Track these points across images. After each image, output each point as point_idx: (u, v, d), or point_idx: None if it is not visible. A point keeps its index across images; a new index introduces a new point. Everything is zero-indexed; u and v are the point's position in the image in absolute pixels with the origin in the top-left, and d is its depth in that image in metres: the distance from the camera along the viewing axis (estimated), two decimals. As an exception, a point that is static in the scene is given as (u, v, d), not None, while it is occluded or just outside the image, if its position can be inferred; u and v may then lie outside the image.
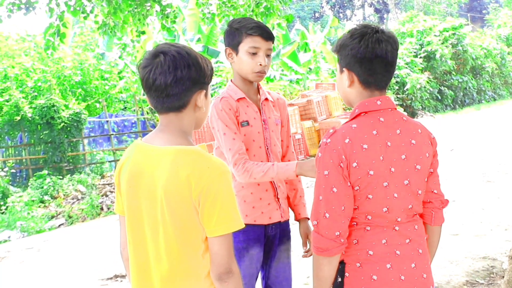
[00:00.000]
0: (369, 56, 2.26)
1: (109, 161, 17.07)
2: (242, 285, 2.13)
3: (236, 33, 3.16)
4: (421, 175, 2.31)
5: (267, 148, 3.24)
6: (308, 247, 3.31)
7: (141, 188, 2.15)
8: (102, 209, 11.94)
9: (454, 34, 26.49)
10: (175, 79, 2.08)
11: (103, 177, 15.91)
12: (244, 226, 2.12)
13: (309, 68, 25.43)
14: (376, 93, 2.34)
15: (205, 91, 2.21)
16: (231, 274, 2.09)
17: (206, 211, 2.05)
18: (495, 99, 29.34)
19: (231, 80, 3.28)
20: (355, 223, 2.30)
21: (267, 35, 3.15)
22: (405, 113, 2.41)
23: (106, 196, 13.42)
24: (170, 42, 2.23)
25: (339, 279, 2.31)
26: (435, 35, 26.12)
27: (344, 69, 2.37)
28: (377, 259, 2.26)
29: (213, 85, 19.42)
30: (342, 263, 2.31)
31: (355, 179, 2.22)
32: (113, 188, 14.18)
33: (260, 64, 3.13)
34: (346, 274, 2.30)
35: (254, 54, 3.12)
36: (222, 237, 2.07)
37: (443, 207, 2.45)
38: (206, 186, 2.04)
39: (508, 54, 30.79)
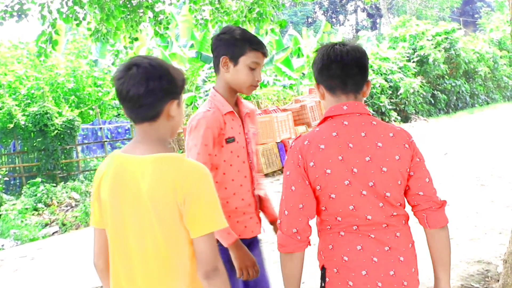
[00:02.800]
0: (326, 63, 2.39)
1: (103, 168, 17.03)
2: (228, 283, 2.17)
3: (239, 44, 3.07)
4: (388, 177, 2.31)
5: (251, 162, 3.19)
6: None
7: (125, 197, 2.19)
8: (96, 216, 11.90)
9: (446, 38, 26.56)
10: (147, 90, 2.13)
11: (97, 184, 15.88)
12: (227, 225, 2.18)
13: (303, 73, 25.46)
14: (343, 98, 2.41)
15: (177, 100, 2.24)
16: (218, 271, 2.14)
17: (190, 213, 2.11)
18: (488, 103, 29.43)
19: (216, 89, 3.16)
20: (328, 226, 2.37)
21: (266, 52, 3.14)
22: (398, 118, 2.41)
23: (100, 203, 13.40)
24: (144, 55, 2.27)
25: (322, 284, 2.38)
26: (427, 40, 26.19)
27: (315, 85, 2.52)
28: (353, 266, 2.31)
29: (206, 91, 19.40)
30: (323, 269, 2.38)
31: (314, 178, 2.30)
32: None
33: (257, 80, 3.11)
34: (327, 279, 2.37)
35: (253, 69, 3.08)
36: (206, 236, 2.12)
37: (437, 208, 2.40)
38: (190, 189, 2.10)
39: (501, 58, 30.90)
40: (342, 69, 2.37)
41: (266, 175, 11.84)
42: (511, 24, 4.29)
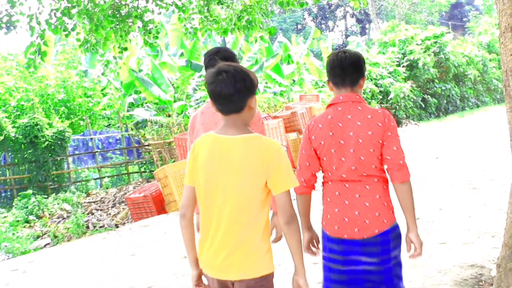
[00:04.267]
0: (331, 66, 3.45)
1: (94, 179, 16.98)
2: (300, 228, 2.98)
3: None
4: (363, 146, 3.28)
5: None
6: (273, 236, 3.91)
7: (219, 165, 2.92)
8: (88, 227, 11.84)
9: (436, 42, 26.63)
10: (235, 89, 2.86)
11: (88, 195, 15.82)
12: (298, 184, 3.19)
13: (293, 80, 25.46)
14: (342, 90, 3.45)
15: (255, 96, 3.01)
16: (295, 218, 2.93)
17: (273, 176, 2.87)
18: (478, 106, 29.50)
19: None
20: (325, 177, 3.49)
21: None
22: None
23: (92, 214, 13.32)
24: (227, 63, 3.02)
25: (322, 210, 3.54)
26: (417, 44, 26.25)
27: (327, 81, 3.55)
28: (332, 204, 3.41)
29: (197, 100, 19.39)
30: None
31: (315, 146, 3.42)
32: (99, 206, 14.08)
33: None
34: (323, 207, 3.51)
35: None
36: (285, 192, 2.89)
37: (399, 169, 3.28)
38: (271, 159, 2.87)
39: (490, 61, 31.00)
40: (341, 70, 3.41)
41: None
42: (499, 27, 4.30)
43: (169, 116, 19.20)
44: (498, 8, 4.32)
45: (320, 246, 3.59)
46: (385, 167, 3.34)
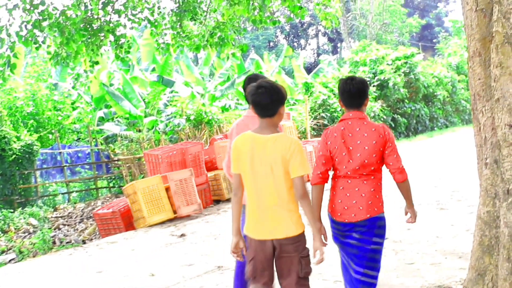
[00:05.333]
0: (341, 91, 4.39)
1: (62, 193, 16.77)
2: (311, 203, 4.05)
3: None
4: (368, 152, 4.20)
5: None
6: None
7: (258, 157, 3.96)
8: (54, 243, 11.65)
9: (406, 63, 26.88)
10: (271, 100, 3.93)
11: (55, 209, 15.61)
12: (310, 172, 4.15)
13: (264, 97, 25.49)
14: (350, 109, 4.37)
15: (283, 105, 4.04)
16: (307, 194, 3.96)
17: (292, 164, 3.89)
18: (447, 126, 29.84)
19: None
20: (334, 174, 4.36)
21: None
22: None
23: (59, 229, 13.13)
24: (265, 80, 4.13)
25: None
26: (387, 64, 26.47)
27: (339, 101, 4.52)
28: (337, 196, 4.32)
29: (168, 115, 19.33)
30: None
31: (330, 149, 4.29)
32: (66, 221, 13.90)
33: None
34: (330, 198, 4.39)
35: None
36: (300, 177, 3.90)
37: (399, 172, 4.26)
38: (292, 151, 3.89)
39: (459, 82, 31.42)
40: (349, 96, 4.35)
41: (228, 200, 11.77)
42: (468, 51, 4.36)
43: (140, 131, 19.10)
44: (467, 33, 4.39)
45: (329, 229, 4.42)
46: (388, 170, 4.31)
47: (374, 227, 4.23)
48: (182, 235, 9.13)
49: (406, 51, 27.80)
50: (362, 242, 4.24)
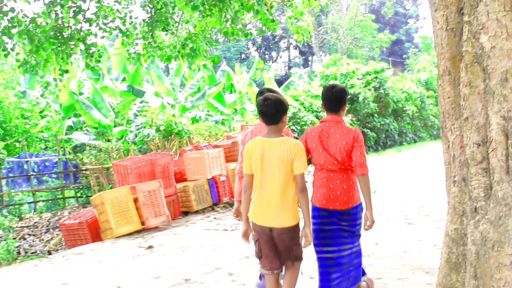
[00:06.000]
0: (324, 97, 5.23)
1: (28, 203, 16.52)
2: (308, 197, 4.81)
3: None
4: (340, 151, 5.02)
5: None
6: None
7: (268, 158, 4.74)
8: (19, 253, 11.47)
9: (376, 77, 27.11)
10: (276, 111, 4.75)
11: (21, 219, 15.38)
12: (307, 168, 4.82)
13: (235, 109, 25.53)
14: (330, 113, 5.19)
15: (286, 114, 4.88)
16: (306, 189, 4.76)
17: (295, 163, 4.68)
18: (415, 141, 30.14)
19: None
20: (315, 169, 5.23)
21: None
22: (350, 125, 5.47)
23: (24, 239, 12.93)
24: (270, 93, 5.06)
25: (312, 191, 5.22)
26: (358, 78, 26.68)
27: (322, 105, 5.34)
28: (321, 187, 5.13)
29: (137, 125, 19.22)
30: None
31: (309, 147, 5.13)
32: (32, 231, 13.70)
33: None
34: (313, 189, 5.20)
35: None
36: (301, 173, 4.71)
37: (359, 167, 4.98)
38: (295, 152, 4.68)
39: (428, 97, 31.81)
40: (329, 102, 5.19)
41: (197, 211, 11.73)
42: (438, 67, 4.42)
43: (109, 140, 18.96)
44: (437, 52, 4.44)
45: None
46: (352, 165, 5.03)
47: (356, 213, 5.20)
48: (150, 247, 9.05)
49: (377, 66, 28.06)
50: (350, 227, 5.18)
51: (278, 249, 4.86)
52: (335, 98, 5.17)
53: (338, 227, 5.14)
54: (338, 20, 51.44)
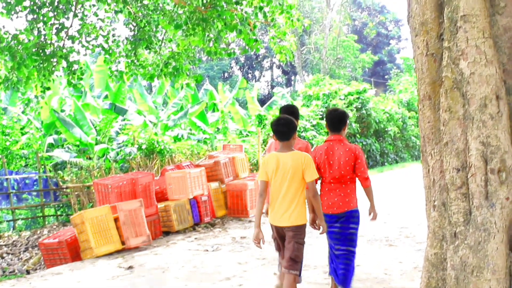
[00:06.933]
0: (327, 119, 6.08)
1: (7, 221, 16.35)
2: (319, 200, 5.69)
3: None
4: (344, 166, 5.88)
5: None
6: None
7: (281, 169, 5.46)
8: (-4, 272, 11.34)
9: (358, 98, 27.29)
10: (288, 129, 5.51)
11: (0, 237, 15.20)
12: (318, 177, 5.66)
13: (217, 128, 25.53)
14: (333, 133, 6.06)
15: (296, 132, 5.61)
16: (317, 194, 5.59)
17: (306, 172, 5.41)
18: (397, 162, 30.27)
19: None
20: (321, 181, 6.07)
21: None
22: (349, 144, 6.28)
23: (2, 258, 12.77)
24: (283, 115, 5.88)
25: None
26: (340, 99, 26.83)
27: (325, 125, 6.16)
28: (323, 196, 6.01)
29: (119, 143, 19.13)
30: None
31: (317, 163, 5.91)
32: (10, 250, 13.54)
33: None
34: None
35: None
36: (313, 180, 5.45)
37: (364, 180, 5.98)
38: (305, 163, 5.41)
39: (409, 118, 32.02)
40: (332, 123, 6.05)
41: (178, 231, 11.66)
42: (418, 92, 4.46)
43: (90, 158, 18.85)
44: (417, 76, 4.49)
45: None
46: (357, 178, 6.01)
47: (351, 217, 5.99)
48: (130, 267, 8.97)
49: (359, 87, 28.24)
50: (343, 229, 5.97)
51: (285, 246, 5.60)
52: (337, 120, 6.04)
53: (335, 229, 5.99)
54: (321, 40, 51.79)
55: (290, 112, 6.59)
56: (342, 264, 6.04)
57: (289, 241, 5.50)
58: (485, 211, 3.91)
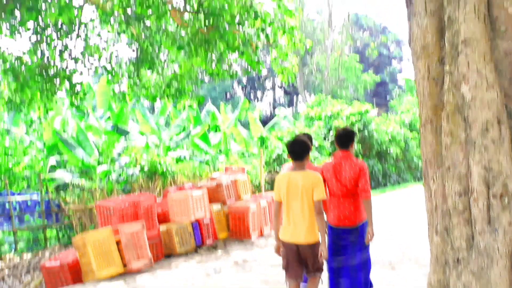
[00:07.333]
0: (336, 136, 6.64)
1: (8, 242, 16.28)
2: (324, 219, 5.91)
3: None
4: (350, 180, 6.29)
5: None
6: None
7: (293, 188, 5.81)
8: (-3, 294, 11.29)
9: (360, 119, 27.29)
10: (301, 150, 5.88)
11: (1, 259, 15.15)
12: (325, 197, 5.98)
13: (220, 149, 25.52)
14: (341, 149, 6.53)
15: (309, 153, 5.94)
16: (322, 212, 5.78)
17: (316, 191, 5.73)
18: (399, 183, 30.13)
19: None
20: (329, 194, 6.49)
21: None
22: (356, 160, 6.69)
23: (3, 280, 12.73)
24: (298, 137, 6.18)
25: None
26: (342, 120, 26.83)
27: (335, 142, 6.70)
28: (333, 209, 6.47)
29: (121, 165, 19.12)
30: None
31: (325, 177, 6.43)
32: (11, 272, 13.49)
33: None
34: (328, 211, 6.53)
35: None
36: (319, 200, 5.74)
37: (364, 193, 6.27)
38: (315, 182, 5.75)
39: (411, 139, 31.96)
40: (340, 141, 6.54)
41: (180, 254, 11.60)
42: (420, 116, 4.45)
43: (92, 179, 18.82)
44: (419, 100, 4.48)
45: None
46: (358, 189, 6.33)
47: (362, 230, 6.41)
48: (131, 290, 8.93)
49: (361, 107, 28.21)
50: (358, 239, 6.38)
51: (304, 262, 5.90)
52: (345, 138, 6.56)
53: (348, 242, 6.37)
54: (323, 61, 51.93)
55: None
56: (363, 269, 6.51)
57: (310, 260, 5.85)
58: (487, 236, 3.88)
